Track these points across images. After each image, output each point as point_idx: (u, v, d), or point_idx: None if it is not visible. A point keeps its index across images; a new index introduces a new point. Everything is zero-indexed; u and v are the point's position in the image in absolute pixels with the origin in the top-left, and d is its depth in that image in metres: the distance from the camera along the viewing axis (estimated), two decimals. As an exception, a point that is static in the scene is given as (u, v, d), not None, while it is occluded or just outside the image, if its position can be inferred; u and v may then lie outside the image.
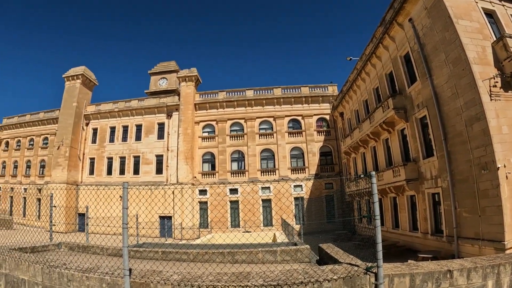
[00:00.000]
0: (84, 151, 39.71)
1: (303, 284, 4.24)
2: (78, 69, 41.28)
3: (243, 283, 4.31)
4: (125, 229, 4.54)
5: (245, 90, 36.49)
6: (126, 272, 4.43)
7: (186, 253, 8.64)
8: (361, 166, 26.64)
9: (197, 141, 35.59)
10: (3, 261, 6.57)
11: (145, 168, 36.38)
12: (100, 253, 9.61)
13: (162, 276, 4.79)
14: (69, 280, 5.23)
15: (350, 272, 4.52)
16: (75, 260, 6.55)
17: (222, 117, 35.57)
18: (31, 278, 5.87)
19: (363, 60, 24.09)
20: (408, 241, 18.24)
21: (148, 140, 37.08)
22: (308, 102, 35.00)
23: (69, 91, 40.69)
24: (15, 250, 7.45)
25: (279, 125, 34.50)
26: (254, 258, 8.07)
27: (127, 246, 4.54)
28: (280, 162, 33.21)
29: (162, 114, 37.10)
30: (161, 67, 43.16)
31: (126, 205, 4.63)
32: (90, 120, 40.33)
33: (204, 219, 33.80)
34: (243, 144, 34.52)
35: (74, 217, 36.76)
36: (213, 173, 34.61)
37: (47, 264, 5.78)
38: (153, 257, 8.92)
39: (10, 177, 46.07)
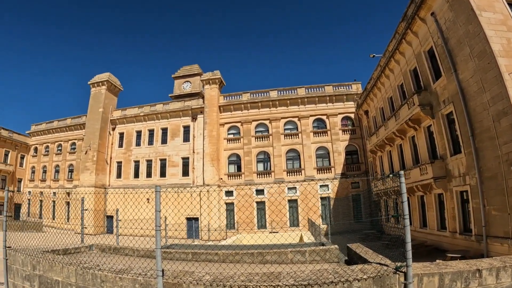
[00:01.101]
0: (111, 155, 42.92)
1: (333, 284, 4.47)
2: (103, 75, 44.59)
3: (274, 283, 4.57)
4: (158, 231, 4.86)
5: (269, 91, 38.21)
6: (159, 272, 4.75)
7: (216, 254, 9.13)
8: (387, 165, 27.38)
9: (222, 143, 37.69)
10: (37, 263, 7.09)
11: (171, 171, 38.96)
12: (131, 254, 10.31)
13: (194, 277, 5.13)
14: (102, 281, 5.65)
15: (379, 272, 4.74)
16: (107, 261, 7.08)
17: (246, 119, 37.53)
18: (65, 279, 6.35)
19: (386, 57, 24.62)
20: (436, 241, 18.39)
21: (174, 143, 39.63)
22: (332, 101, 36.24)
23: (95, 97, 44.00)
24: (49, 252, 8.08)
25: (304, 125, 36.00)
26: (284, 258, 8.47)
27: (160, 247, 4.87)
28: (306, 162, 34.72)
29: (187, 117, 39.57)
30: (184, 70, 45.92)
31: (159, 208, 4.95)
32: (117, 124, 43.52)
33: (231, 220, 35.73)
34: (269, 145, 36.30)
35: (102, 219, 39.56)
36: (239, 174, 36.61)
37: (81, 265, 6.26)
38: (183, 258, 9.48)
39: (39, 181, 50.01)
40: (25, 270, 7.49)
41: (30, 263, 7.32)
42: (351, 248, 8.18)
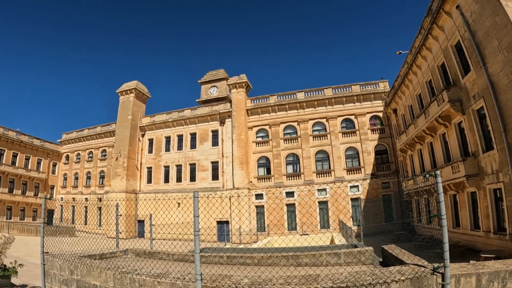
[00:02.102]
0: (141, 160, 46.41)
1: (371, 286, 4.66)
2: (131, 83, 48.15)
3: (313, 286, 4.76)
4: (196, 236, 5.15)
5: (296, 93, 40.17)
6: (198, 276, 5.01)
7: (251, 257, 9.52)
8: (418, 164, 27.92)
9: (251, 146, 40.15)
10: (75, 268, 7.57)
11: (201, 175, 41.77)
12: (166, 258, 10.78)
13: (232, 280, 5.37)
14: (140, 285, 5.97)
15: (417, 273, 4.92)
16: (143, 266, 7.44)
17: (274, 121, 39.71)
18: (103, 284, 6.75)
19: (413, 53, 25.08)
20: (469, 241, 18.55)
21: (203, 147, 42.50)
22: (360, 101, 37.47)
23: (124, 105, 47.63)
24: (86, 257, 8.65)
25: (332, 125, 37.54)
26: (318, 260, 8.77)
27: (199, 252, 5.16)
28: (335, 163, 36.36)
29: (215, 121, 42.35)
30: (210, 75, 48.91)
31: (197, 214, 5.23)
32: (146, 131, 46.95)
33: (261, 223, 37.83)
34: (297, 147, 38.21)
35: (133, 224, 42.93)
36: (268, 177, 38.85)
37: (119, 270, 6.60)
38: (218, 261, 9.98)
39: (71, 188, 54.33)
40: (62, 275, 8.07)
41: (68, 268, 7.90)
42: (386, 249, 8.47)
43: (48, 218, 55.79)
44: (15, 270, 10.04)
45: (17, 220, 49.06)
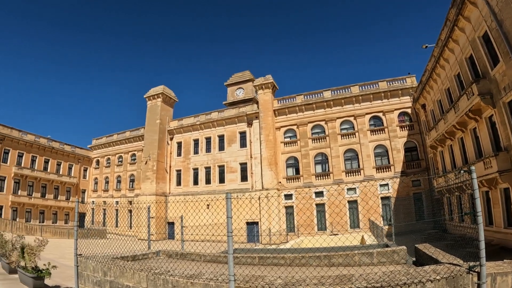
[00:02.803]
0: (171, 163, 49.26)
1: (406, 285, 4.76)
2: (158, 88, 51.28)
3: (347, 286, 4.89)
4: (230, 237, 5.34)
5: (323, 92, 41.61)
6: (231, 277, 5.19)
7: (283, 258, 9.95)
8: (448, 160, 27.97)
9: (279, 147, 42.01)
10: (108, 269, 8.01)
11: (230, 176, 44.11)
12: (197, 259, 11.27)
13: (266, 281, 5.56)
14: (174, 286, 6.24)
15: (452, 272, 5.00)
16: (175, 267, 7.73)
17: (302, 121, 41.43)
18: (136, 285, 7.07)
19: (439, 46, 25.14)
20: (503, 239, 18.36)
21: (231, 149, 44.85)
22: (388, 97, 38.16)
23: (151, 110, 50.75)
24: (118, 259, 9.14)
25: (360, 123, 38.58)
26: (351, 260, 9.03)
27: (232, 253, 5.33)
28: (364, 162, 37.45)
29: (243, 123, 44.64)
30: (236, 77, 51.51)
31: (230, 215, 5.44)
32: (174, 134, 49.87)
33: (291, 223, 39.42)
34: (326, 146, 39.68)
35: (164, 226, 45.65)
36: (297, 177, 40.54)
37: (152, 271, 6.94)
38: (250, 262, 10.26)
39: (102, 191, 58.23)
40: (96, 276, 8.57)
41: (101, 269, 8.35)
42: (420, 248, 8.71)
43: (80, 221, 59.85)
44: (48, 271, 10.50)
45: (49, 223, 53.30)
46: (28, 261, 11.09)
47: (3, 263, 13.37)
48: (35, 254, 11.12)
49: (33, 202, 52.42)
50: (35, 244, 11.44)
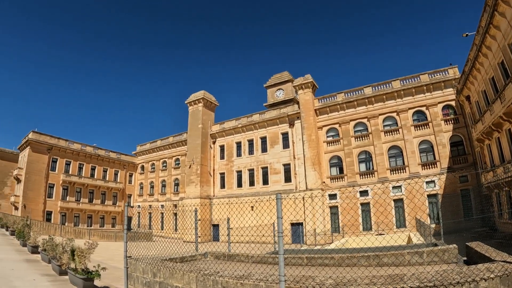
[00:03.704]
0: (214, 167, 53.09)
1: (459, 284, 4.97)
2: (198, 93, 55.58)
3: (399, 285, 5.12)
4: (280, 237, 5.65)
5: (363, 88, 43.04)
6: (282, 277, 5.50)
7: (332, 258, 10.35)
8: (496, 154, 27.74)
9: (322, 146, 44.29)
10: (158, 270, 8.56)
11: (273, 178, 47.07)
12: (244, 260, 11.80)
13: (316, 281, 5.85)
14: (223, 287, 6.67)
15: (506, 270, 5.16)
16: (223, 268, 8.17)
17: (344, 119, 43.36)
18: (185, 286, 7.56)
19: (480, 34, 25.10)
20: None
21: (274, 150, 47.85)
22: (430, 90, 38.65)
23: (193, 115, 55.04)
24: (167, 261, 9.70)
25: (403, 119, 39.45)
26: (400, 260, 9.31)
27: (283, 253, 5.61)
28: (409, 158, 38.20)
29: (284, 124, 47.46)
30: (275, 79, 54.70)
31: (280, 215, 5.70)
32: (216, 138, 53.74)
33: (335, 224, 41.06)
34: (369, 144, 41.12)
35: (208, 228, 49.42)
36: (341, 177, 42.48)
37: (201, 272, 7.39)
38: (298, 263, 10.71)
39: (147, 196, 63.52)
40: (145, 277, 9.16)
41: (151, 271, 8.93)
42: (471, 247, 8.81)
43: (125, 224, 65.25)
44: (98, 273, 11.18)
45: (97, 227, 59.57)
46: (78, 263, 12.02)
47: (53, 265, 14.58)
48: (85, 256, 12.09)
49: (81, 207, 59.02)
50: (85, 247, 12.39)
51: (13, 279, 12.37)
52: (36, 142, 54.91)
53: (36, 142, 54.99)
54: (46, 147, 56.07)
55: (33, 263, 16.95)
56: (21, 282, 12.01)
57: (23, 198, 52.14)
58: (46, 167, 55.76)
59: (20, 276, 13.15)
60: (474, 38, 27.46)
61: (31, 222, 31.59)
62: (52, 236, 17.74)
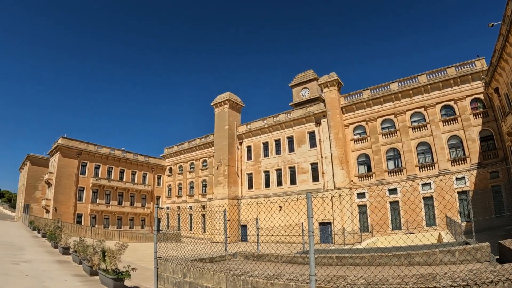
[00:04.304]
0: (241, 167, 55.33)
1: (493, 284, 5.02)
2: (223, 95, 58.13)
3: (432, 285, 5.23)
4: (311, 237, 5.82)
5: (389, 84, 43.85)
6: (313, 277, 5.64)
7: (362, 257, 10.61)
8: None
9: (349, 144, 45.55)
10: (188, 271, 8.97)
11: (301, 177, 48.72)
12: (274, 260, 12.21)
13: (347, 281, 6.07)
14: (253, 287, 6.93)
15: None
16: (253, 268, 8.49)
17: (370, 116, 44.47)
18: (215, 286, 7.92)
19: (506, 23, 24.96)
20: None
21: (301, 150, 49.52)
22: (458, 84, 38.81)
23: (219, 116, 57.56)
24: (197, 261, 10.11)
25: (431, 114, 39.89)
26: (431, 259, 9.49)
27: (313, 252, 5.79)
28: (438, 155, 38.66)
29: (311, 123, 49.02)
30: (300, 78, 56.50)
31: (311, 214, 5.91)
32: (243, 139, 56.01)
33: (364, 223, 42.05)
34: (397, 141, 41.88)
35: (237, 228, 51.43)
36: (369, 175, 43.52)
37: (231, 272, 7.72)
38: (328, 262, 10.96)
39: (176, 197, 66.81)
40: (175, 277, 9.55)
41: (181, 271, 9.29)
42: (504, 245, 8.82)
43: (155, 225, 68.40)
44: (128, 273, 11.63)
45: (126, 228, 63.10)
46: (109, 264, 12.57)
47: (84, 266, 15.14)
48: (115, 257, 12.58)
49: (111, 210, 62.89)
50: (115, 248, 12.87)
51: (45, 279, 13.04)
52: (65, 147, 58.94)
53: (66, 147, 59.01)
54: (75, 152, 59.96)
55: (65, 264, 17.79)
56: (53, 282, 12.65)
57: (54, 202, 56.00)
58: (76, 171, 59.69)
59: (52, 276, 13.78)
60: (500, 27, 27.54)
61: (62, 224, 33.88)
62: (83, 238, 18.81)
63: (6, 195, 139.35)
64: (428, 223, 37.54)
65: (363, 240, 35.32)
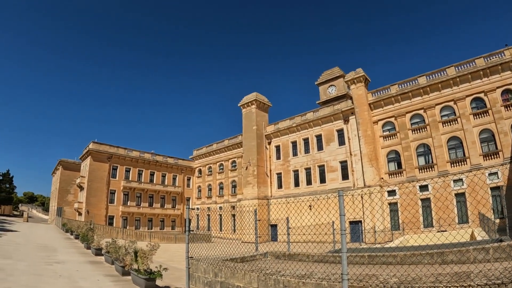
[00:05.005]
0: (270, 167, 57.40)
1: None
2: (250, 96, 60.55)
3: (466, 283, 5.25)
4: (343, 235, 6.06)
5: (417, 78, 44.33)
6: (345, 276, 5.81)
7: (393, 256, 10.77)
8: None
9: (378, 141, 46.55)
10: (219, 270, 9.40)
11: (330, 176, 50.24)
12: (305, 260, 12.42)
13: (380, 279, 6.22)
14: (285, 286, 7.19)
15: None
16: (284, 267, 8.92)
17: (399, 112, 45.23)
18: (247, 285, 8.25)
19: None
20: None
21: (329, 148, 51.04)
22: (487, 75, 38.76)
23: (247, 117, 59.99)
24: (228, 261, 10.56)
25: (461, 107, 40.10)
26: (465, 257, 9.62)
27: (346, 251, 6.00)
28: (470, 149, 38.76)
29: (339, 120, 50.44)
30: (326, 75, 58.14)
31: (343, 212, 6.15)
32: (271, 139, 58.14)
33: (395, 221, 42.63)
34: (427, 136, 42.36)
35: (266, 228, 53.53)
36: (399, 172, 44.25)
37: (263, 272, 8.06)
38: (359, 261, 11.27)
39: (205, 198, 70.06)
40: (206, 277, 9.89)
41: (212, 270, 9.65)
42: None
43: (186, 226, 71.28)
44: (160, 273, 12.07)
45: (157, 229, 67.01)
46: (141, 264, 13.02)
47: (116, 266, 15.76)
48: (147, 258, 13.08)
49: (142, 211, 66.69)
50: (147, 249, 13.38)
51: (78, 279, 13.76)
52: (96, 152, 63.01)
53: (97, 151, 63.09)
54: (106, 156, 63.95)
55: (97, 264, 18.57)
56: (86, 282, 13.31)
57: (86, 204, 60.02)
58: (107, 175, 63.70)
59: (84, 276, 14.52)
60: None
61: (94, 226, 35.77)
62: (115, 239, 19.66)
63: (40, 199, 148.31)
64: (460, 220, 37.74)
65: (394, 239, 36.15)
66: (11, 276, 12.96)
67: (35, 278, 13.25)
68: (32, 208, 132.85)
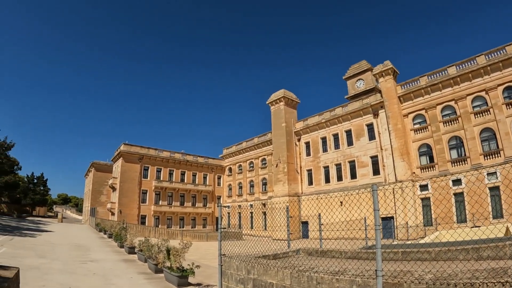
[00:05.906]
0: (301, 164, 59.42)
1: None
2: (278, 93, 62.81)
3: (503, 279, 5.25)
4: (378, 230, 6.14)
5: (447, 68, 44.38)
6: (379, 272, 5.93)
7: (428, 252, 10.97)
8: None
9: (409, 135, 47.18)
10: (252, 267, 9.75)
11: (361, 171, 51.58)
12: (337, 256, 12.66)
13: (415, 276, 6.28)
14: (318, 283, 7.43)
15: None
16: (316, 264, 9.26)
17: (429, 104, 45.54)
18: (279, 282, 8.59)
19: None
20: None
21: (359, 143, 52.40)
22: None
23: (276, 114, 62.27)
24: (261, 258, 10.99)
25: (493, 97, 39.86)
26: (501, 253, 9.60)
27: (380, 247, 6.13)
28: (504, 141, 38.44)
29: (368, 114, 51.67)
30: (353, 69, 59.57)
31: (377, 207, 6.26)
32: (301, 135, 60.11)
33: (428, 217, 42.93)
34: (459, 128, 42.50)
35: (297, 225, 55.64)
36: (431, 166, 44.68)
37: (296, 268, 8.37)
38: (392, 257, 11.33)
39: (236, 196, 73.17)
40: (239, 274, 10.30)
41: (245, 268, 10.03)
42: None
43: (217, 224, 74.20)
44: (192, 271, 12.70)
45: (188, 228, 70.54)
46: (173, 262, 13.70)
47: (149, 264, 16.64)
48: (180, 255, 13.73)
49: (173, 210, 70.53)
50: (179, 247, 14.05)
51: (112, 277, 14.63)
52: (127, 153, 66.96)
53: (128, 153, 67.02)
54: (137, 157, 67.71)
55: (130, 262, 19.76)
56: (120, 279, 14.17)
57: (119, 204, 63.90)
58: (138, 175, 67.50)
59: (118, 274, 15.43)
60: None
61: (127, 225, 38.79)
62: (147, 238, 20.83)
63: (73, 200, 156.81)
64: (495, 215, 37.47)
65: (426, 235, 36.17)
66: (47, 275, 14.15)
67: (69, 276, 14.38)
68: (66, 209, 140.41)
